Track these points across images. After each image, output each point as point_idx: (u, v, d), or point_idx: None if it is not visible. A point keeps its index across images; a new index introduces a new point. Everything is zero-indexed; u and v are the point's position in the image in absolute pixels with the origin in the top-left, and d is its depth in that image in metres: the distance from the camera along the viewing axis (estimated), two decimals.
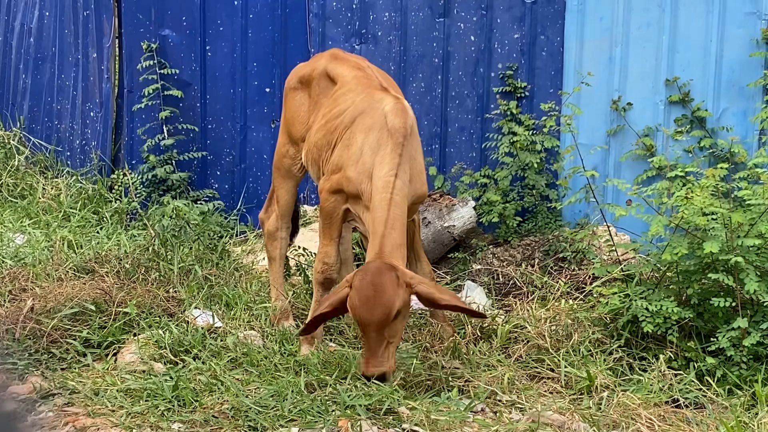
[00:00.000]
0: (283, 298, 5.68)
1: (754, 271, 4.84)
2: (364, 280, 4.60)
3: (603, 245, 6.23)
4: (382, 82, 5.38)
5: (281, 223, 5.95)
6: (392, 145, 4.89)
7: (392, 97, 5.15)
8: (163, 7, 7.70)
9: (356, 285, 4.61)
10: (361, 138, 5.03)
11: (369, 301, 4.56)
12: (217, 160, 7.83)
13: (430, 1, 7.38)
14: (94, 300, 5.40)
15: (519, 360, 5.11)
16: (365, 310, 4.56)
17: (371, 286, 4.58)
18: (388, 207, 4.77)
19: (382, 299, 4.58)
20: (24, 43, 9.39)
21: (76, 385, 4.63)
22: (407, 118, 5.01)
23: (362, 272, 4.65)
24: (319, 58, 5.85)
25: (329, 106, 5.42)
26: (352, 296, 4.60)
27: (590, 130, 7.07)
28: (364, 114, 5.11)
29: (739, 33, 6.68)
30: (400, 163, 4.86)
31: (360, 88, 5.34)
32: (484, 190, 7.13)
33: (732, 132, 6.63)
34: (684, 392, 4.71)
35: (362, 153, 4.98)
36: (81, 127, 8.49)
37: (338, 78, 5.52)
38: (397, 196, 4.81)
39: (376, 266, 4.65)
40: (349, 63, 5.63)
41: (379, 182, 4.84)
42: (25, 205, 7.83)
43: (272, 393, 4.55)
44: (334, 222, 5.19)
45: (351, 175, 5.00)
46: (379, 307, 4.57)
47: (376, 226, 4.77)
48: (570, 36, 7.15)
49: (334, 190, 5.11)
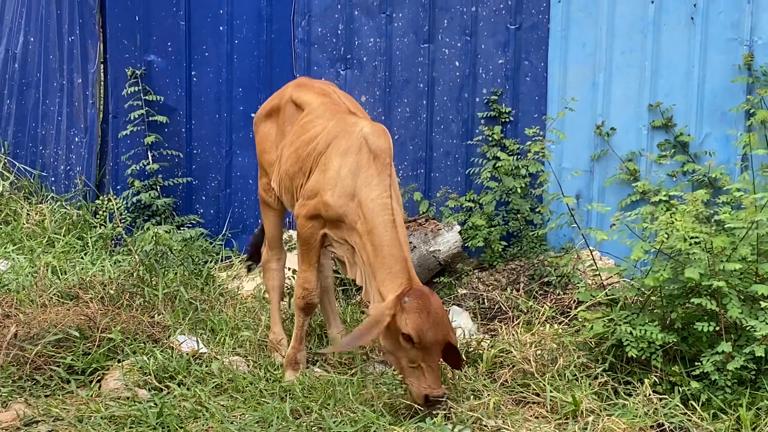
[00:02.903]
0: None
1: (737, 296, 4.86)
2: (425, 302, 4.61)
3: (587, 270, 6.24)
4: (349, 107, 5.39)
5: (271, 255, 5.93)
6: (380, 166, 4.90)
7: (367, 120, 5.17)
8: (149, 33, 7.72)
9: (415, 307, 4.58)
10: (338, 161, 5.01)
11: (437, 323, 4.59)
12: (202, 185, 7.83)
13: (415, 27, 7.43)
14: (78, 326, 5.38)
15: (504, 385, 5.11)
16: (434, 331, 4.58)
17: (434, 308, 4.62)
18: (395, 227, 4.79)
19: (445, 320, 4.69)
20: (9, 69, 9.38)
21: (60, 412, 4.61)
22: (389, 139, 5.04)
23: (417, 296, 4.62)
24: (285, 88, 5.89)
25: (297, 134, 5.42)
26: (415, 319, 4.56)
27: (574, 155, 7.11)
28: (339, 138, 5.10)
29: (721, 59, 6.73)
30: (391, 185, 4.89)
31: (329, 114, 5.34)
32: (470, 214, 7.15)
33: (715, 157, 6.68)
34: (669, 416, 4.72)
35: (340, 176, 4.97)
36: (66, 152, 8.48)
37: (305, 105, 5.53)
38: (398, 217, 4.85)
39: (427, 290, 4.72)
40: (314, 89, 5.64)
41: (375, 205, 4.83)
42: (9, 231, 7.81)
43: (257, 419, 4.54)
44: (312, 248, 5.17)
45: (329, 200, 4.98)
46: (446, 327, 4.66)
47: (392, 249, 4.75)
48: (554, 61, 7.20)
49: (311, 215, 5.09)
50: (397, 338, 4.62)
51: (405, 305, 4.59)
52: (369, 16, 7.49)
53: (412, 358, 4.63)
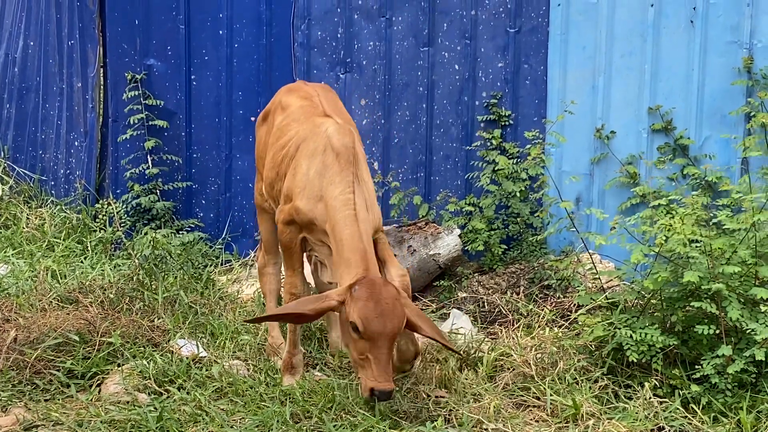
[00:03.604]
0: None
1: (737, 299, 4.85)
2: (374, 292, 4.49)
3: (587, 273, 6.24)
4: (325, 110, 5.34)
5: (267, 259, 5.92)
6: (343, 163, 4.84)
7: (333, 121, 5.12)
8: (148, 37, 7.72)
9: (363, 296, 4.48)
10: (306, 164, 4.98)
11: (385, 312, 4.45)
12: (202, 189, 7.82)
13: (414, 30, 7.43)
14: (77, 330, 5.37)
15: (505, 388, 5.10)
16: (381, 321, 4.44)
17: (383, 298, 4.48)
18: (356, 222, 4.70)
19: (396, 311, 4.50)
20: (8, 73, 9.38)
21: (60, 417, 4.60)
22: (353, 137, 4.97)
23: (367, 285, 4.51)
24: (278, 92, 5.88)
25: (275, 137, 5.41)
26: (361, 308, 4.45)
27: (574, 158, 7.11)
28: (307, 140, 5.07)
29: (720, 62, 6.74)
30: (354, 182, 4.81)
31: (302, 117, 5.31)
32: (470, 218, 7.15)
33: (715, 160, 6.68)
34: (669, 420, 4.71)
35: (308, 179, 4.93)
36: (65, 156, 8.48)
37: (286, 109, 5.52)
38: (361, 212, 4.74)
39: (379, 280, 4.58)
40: (299, 93, 5.61)
41: (337, 201, 4.77)
42: (9, 235, 7.80)
43: (257, 423, 4.54)
44: (294, 253, 5.13)
45: (299, 205, 4.95)
46: (395, 318, 4.48)
47: (352, 242, 4.65)
48: (553, 65, 7.20)
49: (287, 221, 5.06)
50: (348, 329, 4.55)
51: (354, 293, 4.50)
52: (368, 19, 7.50)
53: (360, 349, 4.50)
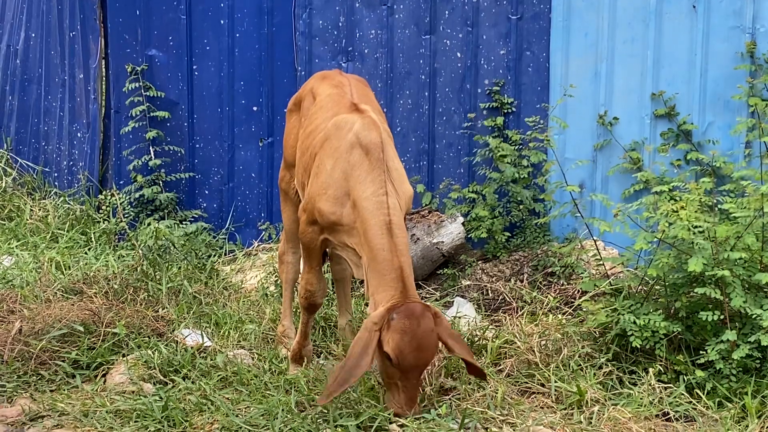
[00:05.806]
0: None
1: (741, 285, 4.85)
2: (411, 325, 4.37)
3: (591, 260, 6.24)
4: (353, 100, 5.17)
5: (287, 247, 5.80)
6: (373, 161, 4.69)
7: (357, 115, 4.93)
8: (150, 28, 7.71)
9: (400, 328, 4.37)
10: (330, 164, 4.83)
11: (420, 347, 4.38)
12: (205, 179, 7.82)
13: (416, 18, 7.41)
14: (82, 321, 5.38)
15: (509, 375, 5.10)
16: (415, 356, 4.37)
17: (420, 330, 4.38)
18: (390, 232, 4.56)
19: (431, 343, 4.42)
20: (10, 65, 9.38)
21: (66, 407, 4.61)
22: (379, 130, 4.81)
23: (405, 316, 4.39)
24: (310, 79, 5.76)
25: (304, 126, 5.31)
26: (398, 341, 4.35)
27: (577, 145, 7.10)
28: (331, 138, 4.91)
29: (723, 47, 6.72)
30: (386, 180, 4.66)
31: (330, 105, 5.18)
32: (473, 205, 7.14)
33: (718, 145, 6.67)
34: (674, 405, 4.71)
35: (333, 179, 4.78)
36: (68, 147, 8.49)
37: (317, 96, 5.39)
38: (395, 216, 4.59)
39: (418, 309, 4.43)
40: (331, 81, 5.46)
41: (369, 203, 4.62)
42: (13, 227, 7.81)
43: (262, 412, 4.54)
44: (313, 251, 5.03)
45: (322, 207, 4.79)
46: (429, 352, 4.43)
47: (388, 255, 4.52)
48: (555, 52, 7.18)
49: (309, 221, 4.93)
50: (382, 353, 4.46)
51: (392, 322, 4.39)
52: (370, 8, 7.48)
53: (390, 374, 4.47)
